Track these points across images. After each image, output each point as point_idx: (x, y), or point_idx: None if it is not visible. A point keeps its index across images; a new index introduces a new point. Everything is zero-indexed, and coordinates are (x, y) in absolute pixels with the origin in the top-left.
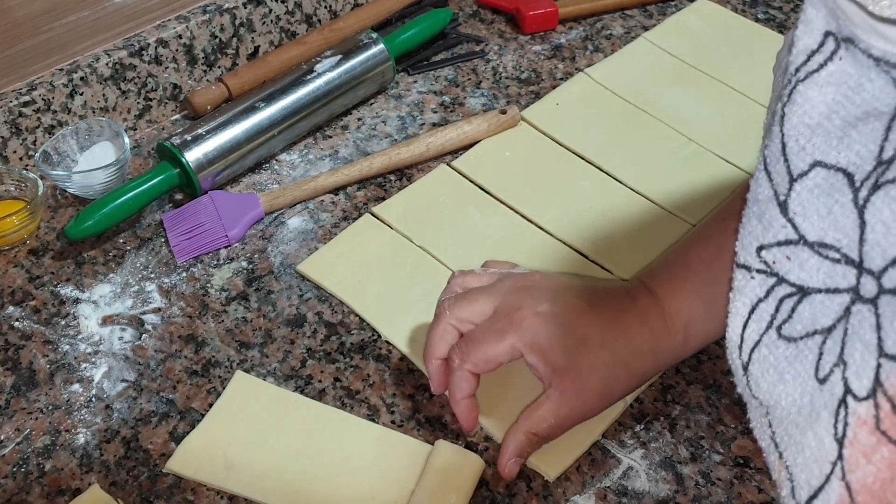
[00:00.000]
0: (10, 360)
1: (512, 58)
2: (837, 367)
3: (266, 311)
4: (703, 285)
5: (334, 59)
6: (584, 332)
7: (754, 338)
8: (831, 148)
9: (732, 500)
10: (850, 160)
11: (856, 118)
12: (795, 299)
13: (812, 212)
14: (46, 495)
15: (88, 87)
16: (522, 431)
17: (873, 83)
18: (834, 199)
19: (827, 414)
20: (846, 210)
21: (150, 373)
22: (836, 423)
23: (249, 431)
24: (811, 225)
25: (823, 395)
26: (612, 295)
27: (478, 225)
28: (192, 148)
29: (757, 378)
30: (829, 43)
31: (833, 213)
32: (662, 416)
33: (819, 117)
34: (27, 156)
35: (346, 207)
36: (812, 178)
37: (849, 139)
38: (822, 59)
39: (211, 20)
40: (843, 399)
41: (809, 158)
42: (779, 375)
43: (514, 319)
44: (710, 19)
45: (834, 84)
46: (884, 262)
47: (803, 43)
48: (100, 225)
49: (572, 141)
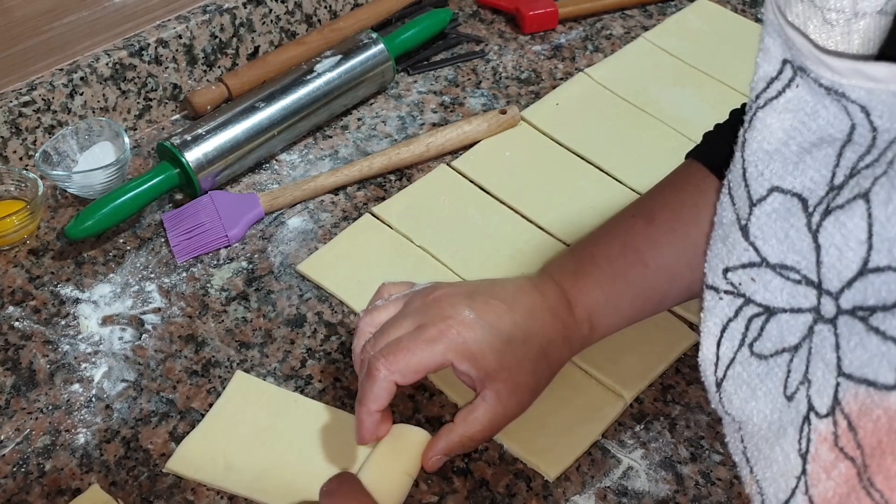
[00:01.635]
0: (10, 360)
1: (512, 58)
2: (803, 384)
3: (266, 311)
4: (606, 280)
5: (334, 59)
6: (507, 331)
7: (729, 355)
8: (787, 173)
9: (732, 500)
10: (804, 185)
11: (811, 144)
12: (763, 318)
13: (770, 235)
14: (46, 495)
15: (88, 87)
16: (457, 434)
17: (827, 110)
18: (790, 223)
19: (793, 430)
20: (801, 234)
21: (150, 373)
22: (800, 438)
23: (249, 431)
24: (771, 248)
25: (790, 411)
26: (522, 292)
27: (478, 225)
28: (192, 148)
29: (730, 394)
30: (787, 70)
31: (790, 237)
32: (662, 417)
33: (777, 143)
34: (27, 156)
35: (346, 207)
36: (770, 202)
37: (804, 164)
38: (780, 86)
39: (211, 20)
40: (806, 416)
41: (767, 184)
42: (751, 392)
43: (441, 329)
44: (710, 19)
45: (791, 111)
46: (840, 283)
47: (763, 70)
48: (100, 225)
49: (572, 141)
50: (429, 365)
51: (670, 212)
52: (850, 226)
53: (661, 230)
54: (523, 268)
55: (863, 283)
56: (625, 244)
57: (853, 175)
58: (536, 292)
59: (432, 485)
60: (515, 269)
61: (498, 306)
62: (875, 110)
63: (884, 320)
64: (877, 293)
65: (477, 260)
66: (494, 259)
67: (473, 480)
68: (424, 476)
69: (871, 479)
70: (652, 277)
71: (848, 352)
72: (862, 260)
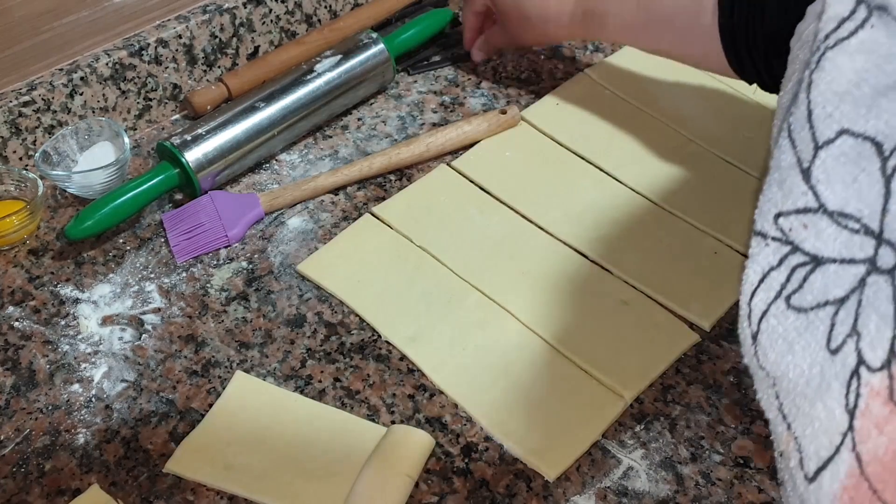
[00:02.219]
0: (9, 360)
1: (512, 58)
2: (850, 337)
3: (266, 312)
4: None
5: (334, 59)
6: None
7: (761, 307)
8: (859, 116)
9: (733, 500)
10: (878, 129)
11: (886, 87)
12: (808, 269)
13: (836, 180)
14: (46, 495)
15: (88, 87)
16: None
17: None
18: (860, 167)
19: (838, 385)
20: (872, 179)
21: (149, 373)
22: (847, 393)
23: (249, 431)
24: (833, 193)
25: (835, 365)
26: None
27: (478, 225)
28: (192, 148)
29: (766, 348)
30: (860, 10)
31: (858, 182)
32: (663, 417)
33: (848, 85)
34: (27, 156)
35: (346, 207)
36: (838, 145)
37: (878, 108)
38: (853, 26)
39: (211, 20)
40: (855, 370)
41: (836, 126)
42: (788, 346)
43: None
44: None
45: (865, 52)
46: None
47: (834, 10)
48: (100, 225)
49: (572, 141)
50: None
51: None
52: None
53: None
54: (523, 268)
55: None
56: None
57: None
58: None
59: (432, 485)
60: (515, 268)
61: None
62: None
63: None
64: None
65: (477, 260)
66: (494, 259)
67: (473, 481)
68: (424, 476)
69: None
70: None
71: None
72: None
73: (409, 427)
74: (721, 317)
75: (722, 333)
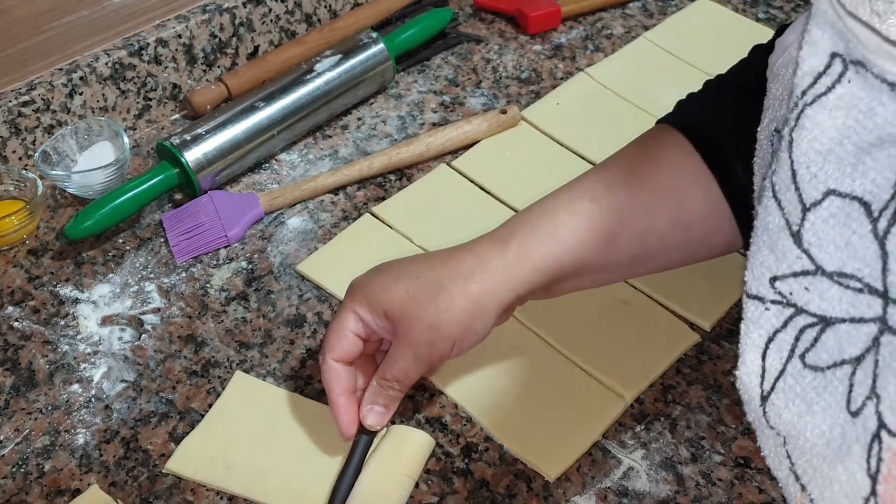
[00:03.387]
0: (9, 360)
1: (512, 57)
2: (870, 399)
3: (266, 312)
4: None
5: (334, 59)
6: (400, 269)
7: (777, 367)
8: (845, 175)
9: (733, 500)
10: (865, 188)
11: (869, 144)
12: (818, 329)
13: (828, 242)
14: (46, 496)
15: (88, 87)
16: (375, 379)
17: (886, 107)
18: (851, 229)
19: (859, 448)
20: (865, 241)
21: (149, 373)
22: (868, 457)
23: (249, 432)
24: (828, 255)
25: (856, 428)
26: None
27: (478, 225)
28: (192, 148)
29: (779, 408)
30: (836, 64)
31: (851, 244)
32: (663, 417)
33: (830, 143)
34: (26, 155)
35: (346, 207)
36: (826, 207)
37: (863, 166)
38: (829, 81)
39: (210, 20)
40: (876, 433)
41: (822, 187)
42: (807, 406)
43: (346, 292)
44: (711, 19)
45: (844, 108)
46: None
47: (809, 65)
48: (99, 225)
49: (573, 140)
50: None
51: (627, 160)
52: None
53: (616, 174)
54: None
55: None
56: (571, 187)
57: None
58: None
59: (432, 485)
60: None
61: (401, 259)
62: None
63: None
64: None
65: None
66: None
67: (473, 481)
68: (425, 477)
69: None
70: (599, 212)
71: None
72: None
73: (409, 427)
74: (721, 317)
75: (722, 333)
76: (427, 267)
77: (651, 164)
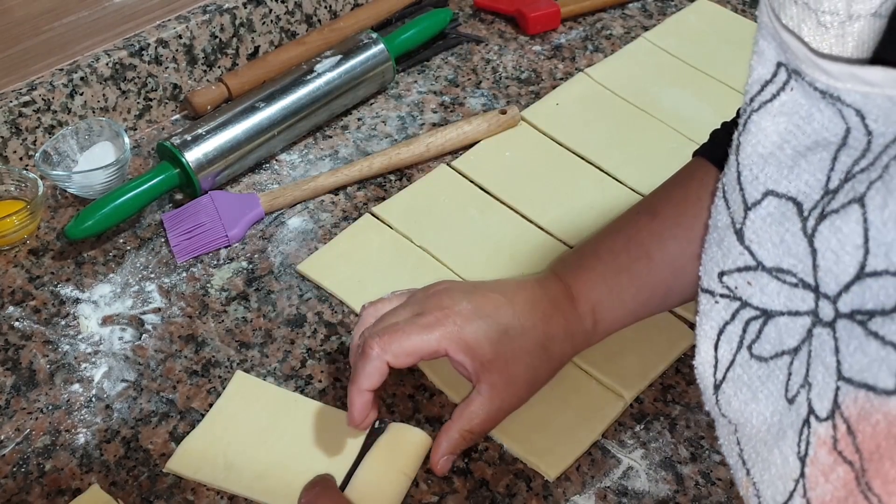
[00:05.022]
0: (10, 360)
1: (512, 58)
2: (803, 387)
3: (266, 311)
4: (610, 274)
5: (334, 59)
6: (505, 322)
7: (728, 357)
8: (782, 177)
9: (732, 500)
10: (799, 189)
11: (806, 148)
12: (761, 321)
13: (766, 239)
14: (46, 495)
15: (88, 87)
16: (457, 430)
17: (822, 113)
18: (785, 227)
19: (792, 433)
20: (797, 238)
21: (150, 373)
22: (800, 441)
23: (249, 431)
24: (766, 252)
25: (791, 414)
26: (523, 287)
27: (478, 225)
28: (192, 148)
29: (729, 397)
30: (781, 73)
31: (785, 242)
32: (662, 416)
33: (772, 147)
34: (27, 156)
35: (346, 207)
36: (765, 206)
37: (798, 168)
38: (774, 89)
39: (211, 20)
40: (806, 419)
41: (762, 187)
42: (752, 394)
43: (439, 317)
44: (710, 19)
45: (786, 114)
46: (837, 287)
47: (757, 73)
48: (100, 225)
49: (572, 141)
50: (423, 349)
51: (674, 206)
52: (845, 230)
53: (664, 224)
54: (523, 268)
55: (860, 288)
56: (629, 238)
57: (848, 179)
58: (538, 287)
59: (432, 485)
60: (515, 269)
61: (497, 299)
62: (870, 114)
63: (882, 325)
64: (875, 297)
65: (477, 260)
66: (494, 259)
67: (473, 480)
68: (424, 476)
69: (868, 483)
70: (656, 271)
71: (847, 356)
72: (859, 264)
73: (407, 426)
74: None
75: None
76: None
77: (696, 208)
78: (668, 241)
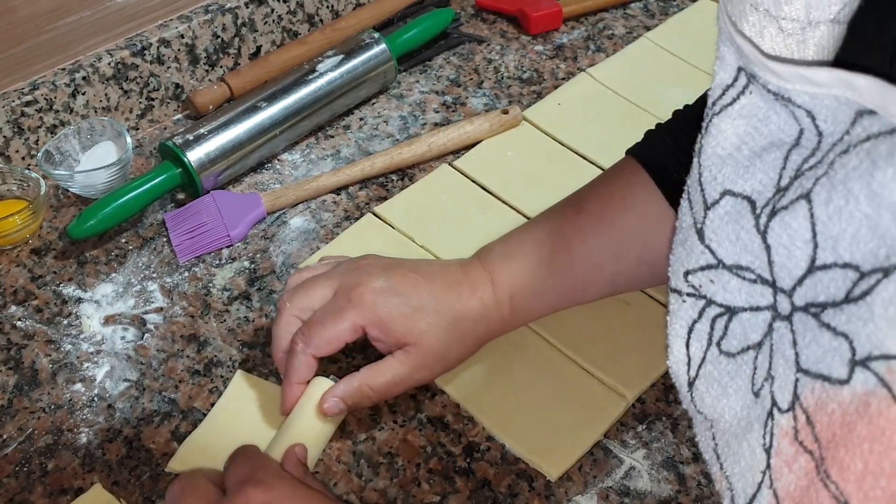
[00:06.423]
0: (12, 359)
1: (514, 58)
2: (767, 381)
3: (268, 311)
4: (532, 263)
5: (336, 59)
6: (418, 301)
7: (700, 355)
8: (738, 177)
9: None
10: (753, 188)
11: (762, 148)
12: (726, 318)
13: (724, 238)
14: (49, 494)
15: (91, 87)
16: (358, 380)
17: (778, 115)
18: (740, 225)
19: (758, 425)
20: (751, 235)
21: (152, 372)
22: (765, 433)
23: (251, 431)
24: (725, 250)
25: (757, 407)
26: (444, 268)
27: (479, 224)
28: (195, 147)
29: (702, 393)
30: (741, 77)
31: (741, 239)
32: (664, 416)
33: (730, 148)
34: (29, 155)
35: (348, 207)
36: (722, 205)
37: (754, 168)
38: (735, 93)
39: (213, 20)
40: (770, 411)
41: (720, 188)
42: (722, 389)
43: (352, 297)
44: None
45: (745, 116)
46: (792, 281)
47: (720, 78)
48: (102, 224)
49: (574, 141)
50: (341, 335)
51: (598, 203)
52: (794, 225)
53: (588, 220)
54: None
55: (812, 281)
56: (553, 231)
57: (797, 177)
58: (459, 270)
59: (434, 485)
60: None
61: (414, 278)
62: (820, 115)
63: (834, 316)
64: (826, 290)
65: None
66: None
67: (475, 480)
68: (426, 476)
69: (827, 471)
70: (576, 265)
71: (804, 348)
72: (809, 258)
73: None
74: None
75: None
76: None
77: (619, 207)
78: (589, 237)
